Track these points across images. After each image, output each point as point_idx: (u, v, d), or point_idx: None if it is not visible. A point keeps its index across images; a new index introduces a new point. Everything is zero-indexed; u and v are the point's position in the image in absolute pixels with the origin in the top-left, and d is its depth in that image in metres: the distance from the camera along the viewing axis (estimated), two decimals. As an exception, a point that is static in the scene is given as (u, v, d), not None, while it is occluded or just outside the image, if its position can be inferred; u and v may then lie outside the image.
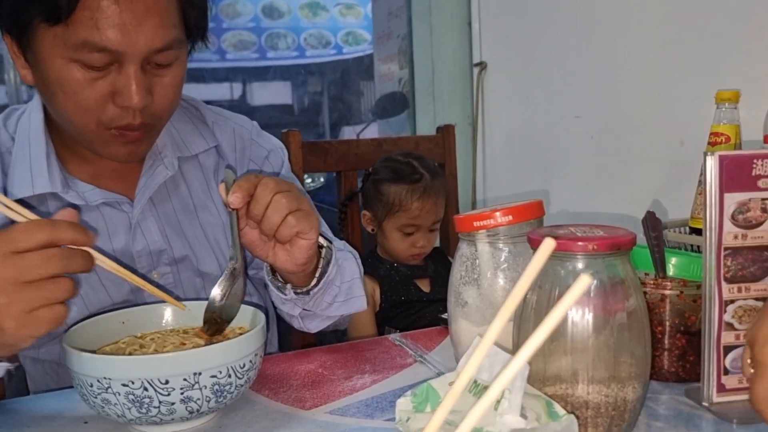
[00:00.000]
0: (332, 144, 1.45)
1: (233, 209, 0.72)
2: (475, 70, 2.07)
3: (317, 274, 0.84)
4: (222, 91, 5.55)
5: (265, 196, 0.72)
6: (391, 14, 2.64)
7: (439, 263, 1.49)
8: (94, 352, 0.68)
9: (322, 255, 0.84)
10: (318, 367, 0.85)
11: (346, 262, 0.92)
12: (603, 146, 1.67)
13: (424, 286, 1.44)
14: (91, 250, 0.63)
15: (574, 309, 0.59)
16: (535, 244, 0.62)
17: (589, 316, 0.60)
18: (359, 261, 0.98)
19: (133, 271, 0.76)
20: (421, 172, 1.39)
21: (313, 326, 0.94)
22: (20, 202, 0.83)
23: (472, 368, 0.40)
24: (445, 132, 1.58)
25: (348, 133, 5.85)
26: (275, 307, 0.97)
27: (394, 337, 0.95)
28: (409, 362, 0.86)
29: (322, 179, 2.52)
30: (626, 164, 1.60)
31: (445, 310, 1.03)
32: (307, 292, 0.85)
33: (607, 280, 0.60)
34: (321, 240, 0.82)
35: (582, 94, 1.73)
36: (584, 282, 0.37)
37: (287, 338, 1.38)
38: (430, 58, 2.18)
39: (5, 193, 0.85)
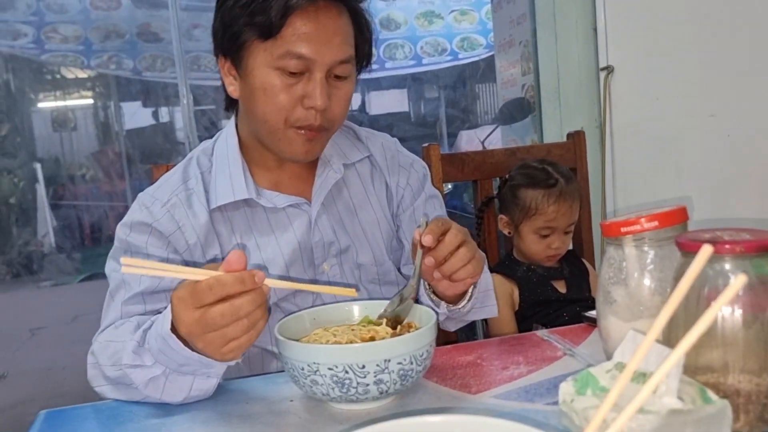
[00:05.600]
0: (468, 155, 1.55)
1: (424, 247, 0.86)
2: (602, 74, 2.09)
3: (467, 297, 0.98)
4: (344, 102, 5.76)
5: (452, 243, 0.86)
6: (512, 22, 2.70)
7: (573, 265, 1.55)
8: (297, 341, 0.82)
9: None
10: (476, 358, 0.95)
11: (482, 275, 1.02)
12: (740, 145, 1.66)
13: (560, 287, 1.51)
14: (265, 281, 0.74)
15: (724, 306, 0.66)
16: (685, 248, 0.69)
17: (738, 313, 0.66)
18: (487, 267, 1.11)
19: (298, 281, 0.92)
20: (555, 177, 1.45)
21: (451, 326, 1.09)
22: (220, 208, 1.03)
23: (639, 359, 0.49)
24: (576, 138, 1.63)
25: (466, 137, 5.93)
26: None
27: (542, 333, 1.03)
28: (559, 355, 0.94)
29: (449, 185, 2.63)
30: (766, 162, 1.58)
31: (582, 310, 1.11)
32: (457, 309, 0.99)
33: (755, 279, 0.66)
34: None
35: (716, 92, 1.72)
36: (740, 280, 0.45)
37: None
38: (555, 64, 2.23)
39: (207, 201, 1.03)
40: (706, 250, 0.47)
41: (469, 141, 5.55)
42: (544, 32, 2.26)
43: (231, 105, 1.09)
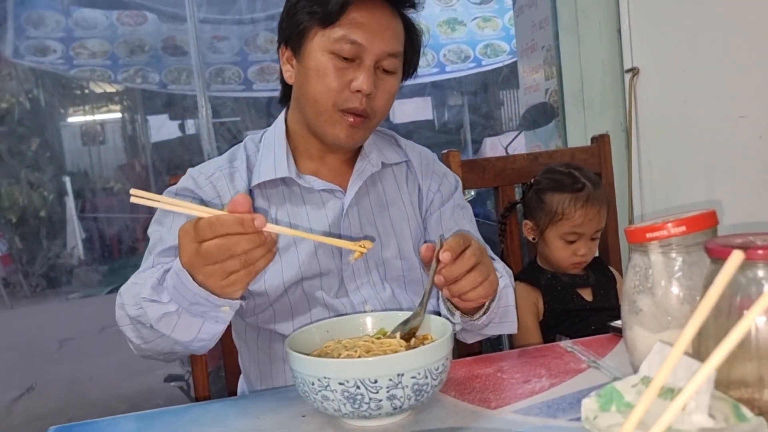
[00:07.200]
0: (489, 161, 1.51)
1: (439, 263, 0.84)
2: (627, 76, 2.04)
3: (483, 311, 0.95)
4: (367, 110, 5.75)
5: (464, 266, 0.85)
6: (535, 26, 2.65)
7: (600, 272, 1.50)
8: (307, 355, 0.79)
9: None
10: (496, 371, 0.91)
11: (504, 290, 1.02)
12: (773, 146, 1.59)
13: (587, 295, 1.46)
14: (267, 226, 0.74)
15: (758, 316, 0.61)
16: (714, 254, 0.65)
17: (773, 323, 0.62)
18: (513, 285, 1.10)
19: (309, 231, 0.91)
20: (583, 181, 1.41)
21: (468, 338, 1.08)
22: (260, 185, 1.08)
23: (666, 374, 0.45)
24: (600, 142, 1.58)
25: (490, 143, 5.87)
26: None
27: (566, 344, 0.99)
28: (583, 368, 0.90)
29: (472, 192, 2.59)
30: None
31: (609, 319, 1.06)
32: (472, 321, 0.96)
33: (791, 287, 0.62)
34: None
35: (746, 93, 1.66)
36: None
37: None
38: (578, 67, 2.18)
39: (249, 180, 1.09)
40: (737, 256, 0.44)
41: (493, 148, 5.50)
42: (567, 35, 2.21)
43: (284, 98, 1.17)
